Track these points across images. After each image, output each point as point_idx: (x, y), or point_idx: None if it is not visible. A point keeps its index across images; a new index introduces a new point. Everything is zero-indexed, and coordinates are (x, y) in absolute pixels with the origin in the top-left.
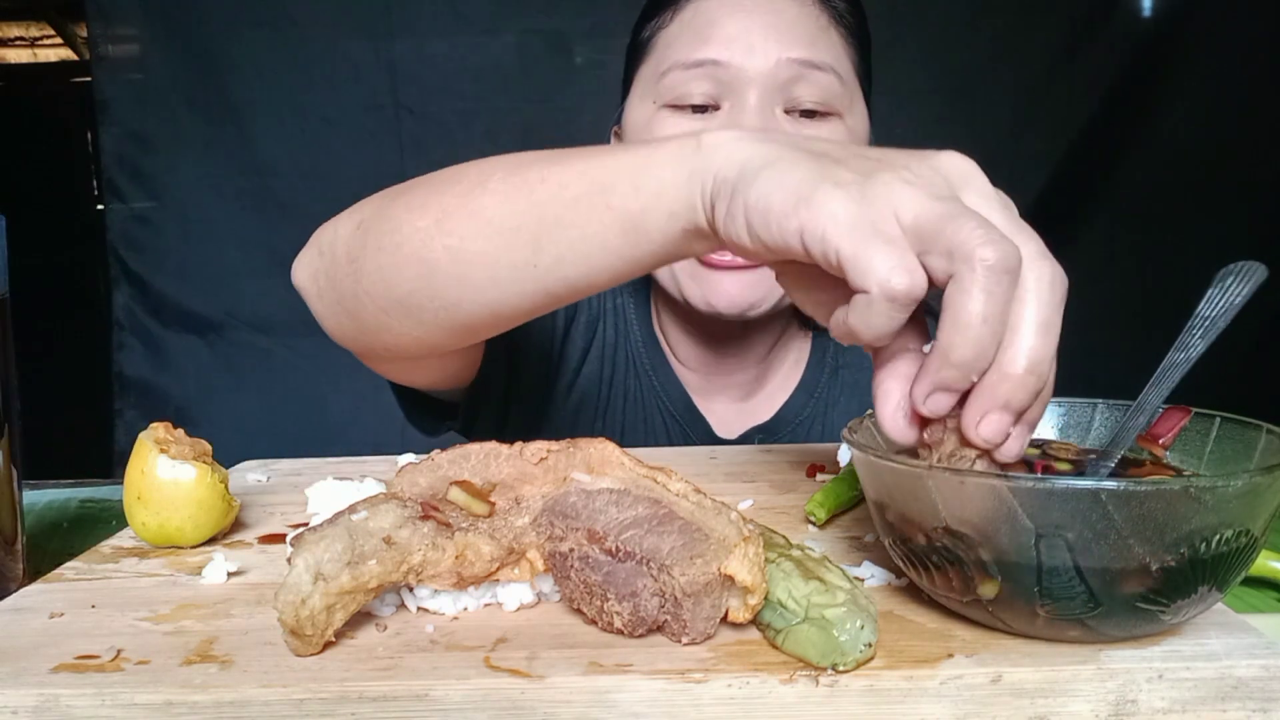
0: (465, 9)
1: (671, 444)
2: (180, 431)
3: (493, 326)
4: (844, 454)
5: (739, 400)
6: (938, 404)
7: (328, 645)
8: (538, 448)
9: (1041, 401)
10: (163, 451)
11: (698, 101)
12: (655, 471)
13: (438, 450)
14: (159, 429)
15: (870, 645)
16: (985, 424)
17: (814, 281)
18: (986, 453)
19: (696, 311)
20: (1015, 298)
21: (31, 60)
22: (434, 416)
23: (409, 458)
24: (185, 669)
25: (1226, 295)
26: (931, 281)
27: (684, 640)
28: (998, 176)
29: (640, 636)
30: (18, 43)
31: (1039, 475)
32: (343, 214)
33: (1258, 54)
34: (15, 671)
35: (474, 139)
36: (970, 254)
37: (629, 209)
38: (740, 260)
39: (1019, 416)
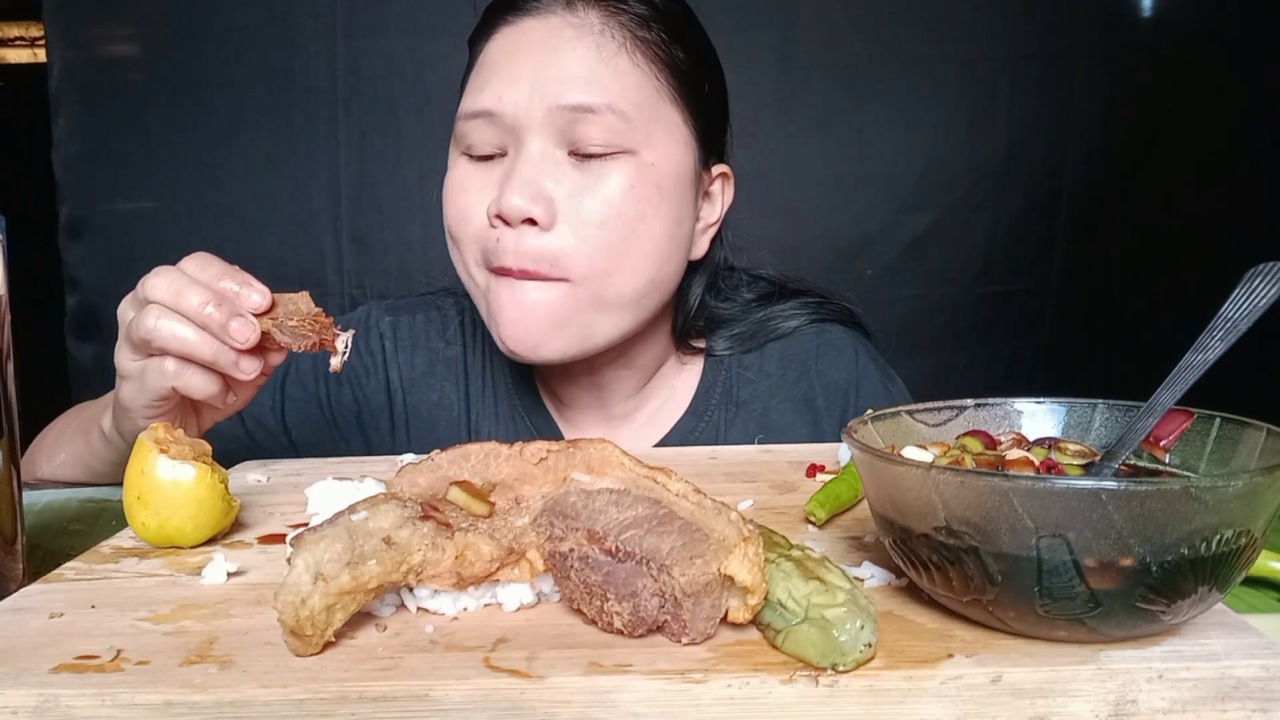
0: (424, 10)
1: None
2: (180, 432)
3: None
4: (844, 454)
5: (619, 429)
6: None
7: (328, 645)
8: (537, 448)
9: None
10: (163, 451)
11: (486, 151)
12: (655, 471)
13: (438, 450)
14: (159, 429)
15: (870, 645)
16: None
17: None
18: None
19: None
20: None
21: (31, 60)
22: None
23: (409, 458)
24: (185, 669)
25: (1252, 296)
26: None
27: (684, 640)
28: (1015, 178)
29: (640, 636)
30: (18, 43)
31: (1039, 475)
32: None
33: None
34: (15, 671)
35: (435, 150)
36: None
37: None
38: (520, 268)
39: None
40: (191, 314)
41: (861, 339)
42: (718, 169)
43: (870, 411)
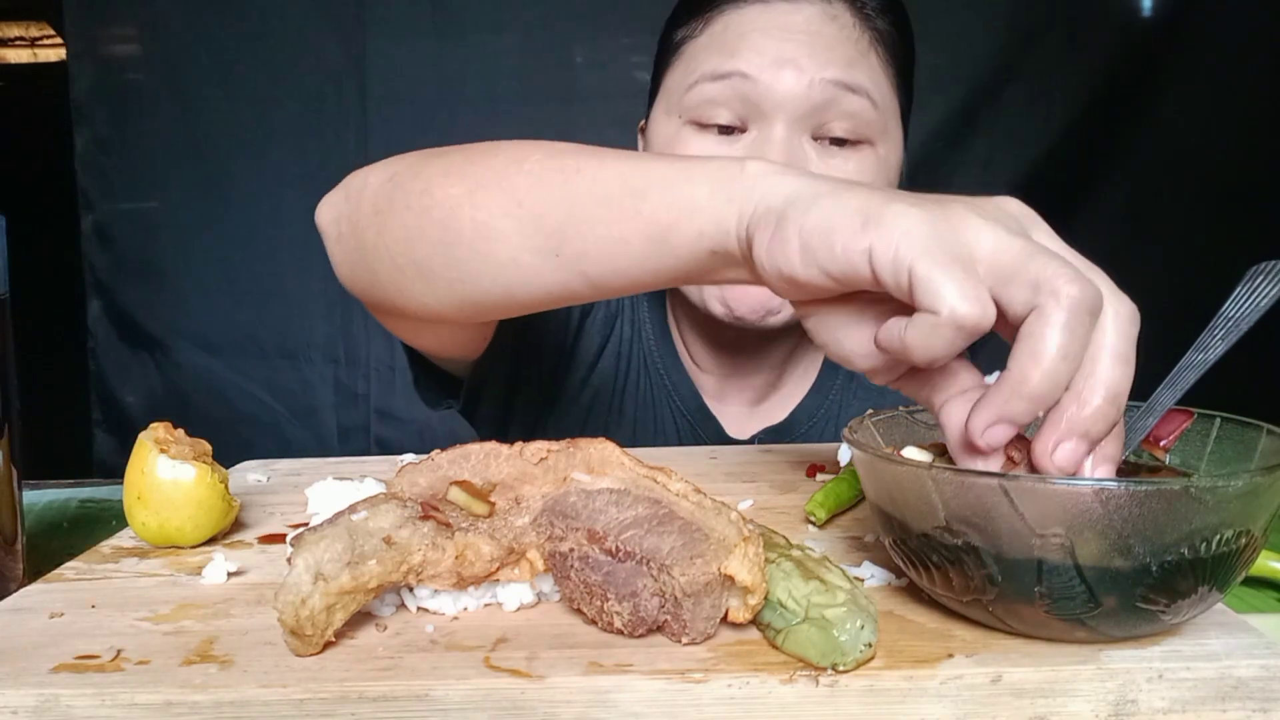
0: (445, 9)
1: (681, 444)
2: (180, 431)
3: (504, 308)
4: (844, 454)
5: (753, 403)
6: (996, 436)
7: (328, 645)
8: (537, 448)
9: (1116, 436)
10: (163, 451)
11: (723, 121)
12: (655, 471)
13: (438, 450)
14: (159, 429)
15: (870, 645)
16: (1061, 452)
17: (848, 320)
18: None
19: (715, 318)
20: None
21: (31, 60)
22: (439, 388)
23: (409, 458)
24: (185, 669)
25: (1254, 296)
26: (1001, 316)
27: (684, 640)
28: (1005, 178)
29: (640, 636)
30: (18, 43)
31: (1039, 475)
32: (376, 164)
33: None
34: (15, 671)
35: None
36: (1056, 289)
37: (659, 219)
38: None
39: (1092, 448)
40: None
41: None
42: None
43: (870, 411)
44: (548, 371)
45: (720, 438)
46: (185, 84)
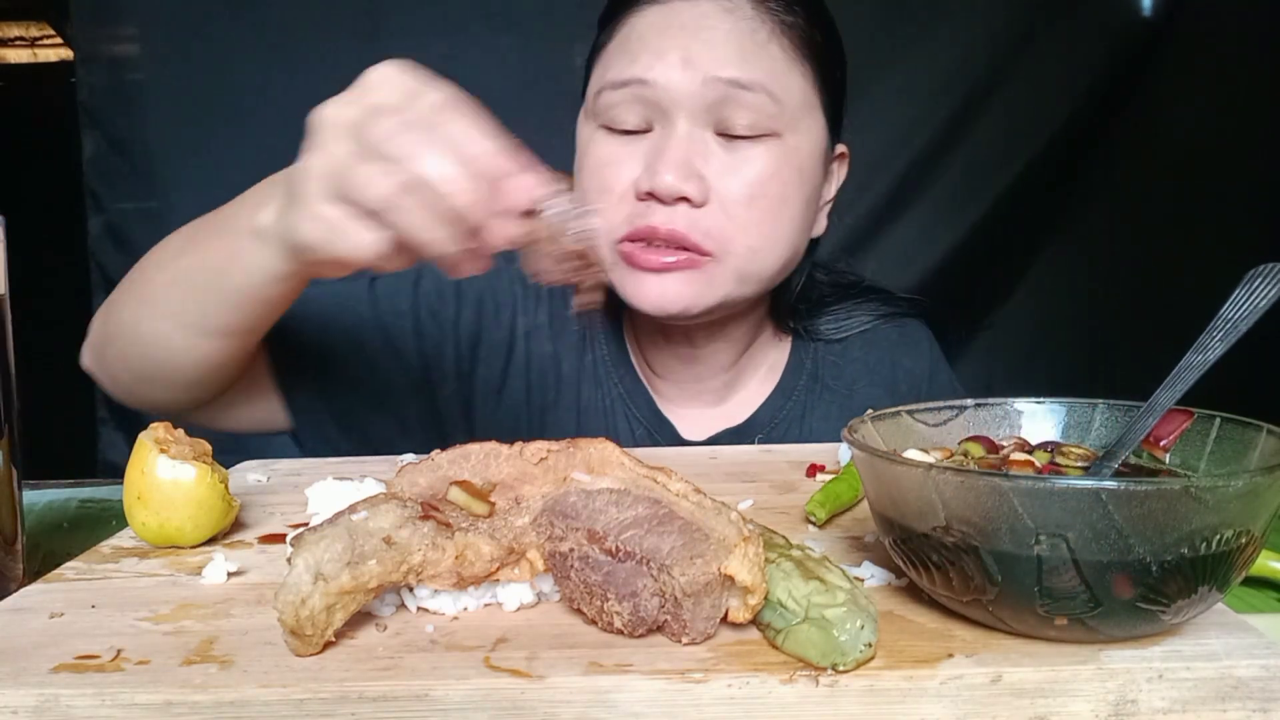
0: (455, 10)
1: (638, 447)
2: (180, 431)
3: (219, 380)
4: (844, 454)
5: (712, 405)
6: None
7: (328, 645)
8: (538, 448)
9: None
10: (163, 451)
11: (629, 126)
12: (655, 471)
13: (438, 450)
14: (159, 429)
15: (870, 645)
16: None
17: None
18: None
19: (650, 317)
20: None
21: (31, 60)
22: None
23: (409, 458)
24: (185, 669)
25: (1252, 298)
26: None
27: (684, 640)
28: (1003, 177)
29: (640, 636)
30: (18, 43)
31: (1039, 475)
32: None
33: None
34: (15, 671)
35: None
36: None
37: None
38: (662, 261)
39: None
40: (445, 207)
41: (932, 336)
42: (838, 148)
43: (870, 411)
44: (459, 401)
45: (675, 441)
46: (191, 85)
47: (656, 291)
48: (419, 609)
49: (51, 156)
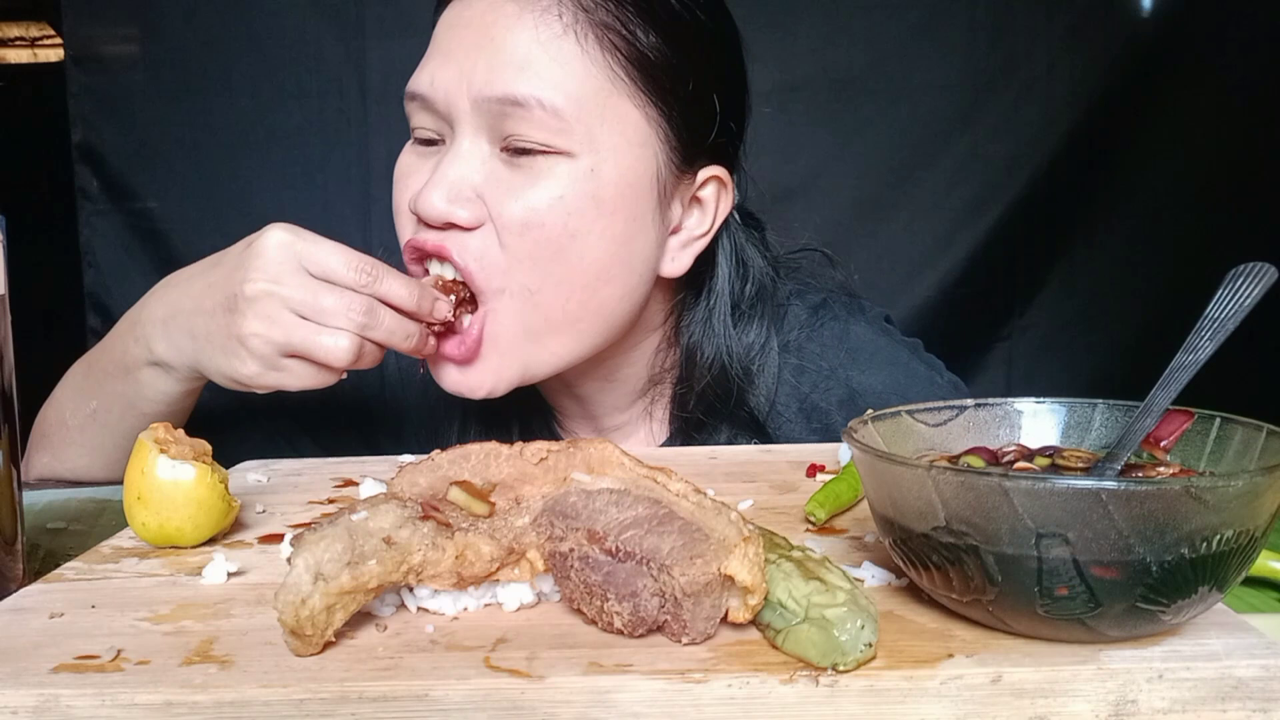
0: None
1: None
2: (180, 432)
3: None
4: (844, 454)
5: (624, 440)
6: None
7: (328, 645)
8: (538, 448)
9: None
10: (162, 451)
11: (426, 136)
12: (655, 471)
13: (438, 450)
14: (159, 429)
15: (870, 645)
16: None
17: None
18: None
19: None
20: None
21: (31, 60)
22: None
23: (409, 458)
24: (185, 669)
25: (1236, 297)
26: None
27: (684, 640)
28: (1003, 178)
29: (640, 636)
30: (18, 43)
31: (1039, 475)
32: None
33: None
34: (15, 671)
35: None
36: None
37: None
38: (456, 354)
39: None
40: (384, 336)
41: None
42: (707, 173)
43: (870, 411)
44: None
45: None
46: (184, 84)
47: (455, 377)
48: (419, 609)
49: (51, 156)
